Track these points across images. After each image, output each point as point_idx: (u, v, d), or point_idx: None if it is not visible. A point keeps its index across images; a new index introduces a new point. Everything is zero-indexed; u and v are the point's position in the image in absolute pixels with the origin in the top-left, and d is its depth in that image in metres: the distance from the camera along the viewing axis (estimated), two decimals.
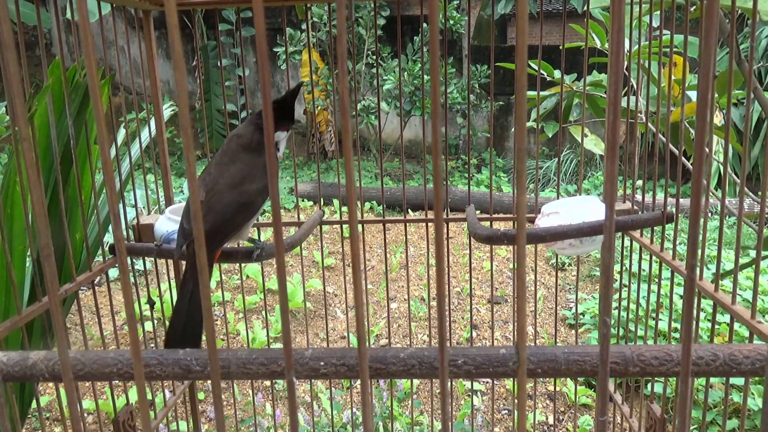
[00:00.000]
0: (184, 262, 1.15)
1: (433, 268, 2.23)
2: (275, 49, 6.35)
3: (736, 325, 0.95)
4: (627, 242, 1.30)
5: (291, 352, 0.32)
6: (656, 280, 1.19)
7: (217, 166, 0.98)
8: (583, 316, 3.26)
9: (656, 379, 1.40)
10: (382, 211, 1.54)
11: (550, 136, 1.70)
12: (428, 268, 1.67)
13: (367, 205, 5.50)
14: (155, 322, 1.49)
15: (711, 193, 1.44)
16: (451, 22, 5.93)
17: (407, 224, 1.39)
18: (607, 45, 1.53)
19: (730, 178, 3.23)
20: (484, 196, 5.06)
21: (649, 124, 1.32)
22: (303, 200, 5.72)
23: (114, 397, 1.21)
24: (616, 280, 2.35)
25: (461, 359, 0.47)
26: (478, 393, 2.63)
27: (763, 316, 3.07)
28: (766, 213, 0.85)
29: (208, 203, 0.93)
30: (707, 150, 1.24)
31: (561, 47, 1.31)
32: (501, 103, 6.62)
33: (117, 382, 1.07)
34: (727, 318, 2.33)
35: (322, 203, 1.43)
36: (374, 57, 5.96)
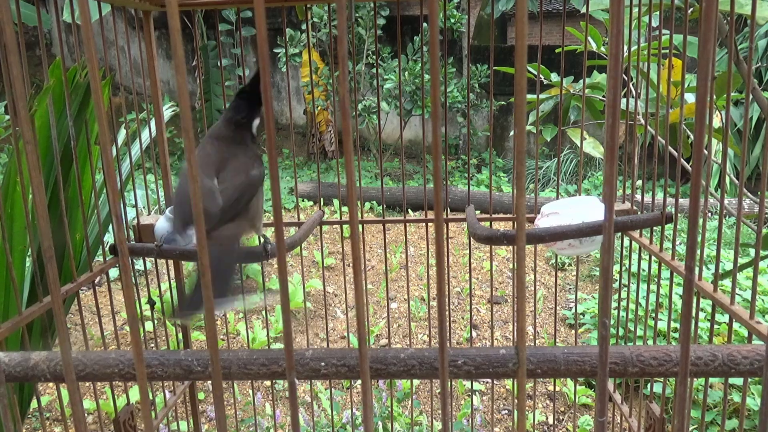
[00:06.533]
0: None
1: (433, 268, 2.23)
2: (275, 50, 6.36)
3: (736, 325, 0.95)
4: (627, 242, 1.30)
5: (292, 353, 0.32)
6: (656, 280, 1.19)
7: (216, 160, 0.99)
8: (583, 316, 3.26)
9: (656, 378, 1.41)
10: (382, 211, 1.54)
11: (548, 139, 1.71)
12: (428, 268, 1.67)
13: (367, 205, 5.50)
14: (155, 322, 1.49)
15: (710, 194, 1.44)
16: (452, 20, 5.92)
17: (407, 224, 1.40)
18: (603, 48, 1.54)
19: (730, 179, 3.22)
20: (484, 196, 5.06)
21: (648, 126, 1.32)
22: (303, 200, 5.72)
23: (114, 397, 1.21)
24: (616, 280, 2.35)
25: (461, 360, 0.47)
26: (478, 393, 2.63)
27: (762, 316, 3.07)
28: (765, 213, 0.85)
29: (220, 186, 0.96)
30: (705, 152, 1.24)
31: (557, 50, 1.31)
32: (502, 102, 6.62)
33: (117, 381, 1.08)
34: (726, 318, 2.33)
35: (322, 203, 1.43)
36: (374, 57, 5.96)
